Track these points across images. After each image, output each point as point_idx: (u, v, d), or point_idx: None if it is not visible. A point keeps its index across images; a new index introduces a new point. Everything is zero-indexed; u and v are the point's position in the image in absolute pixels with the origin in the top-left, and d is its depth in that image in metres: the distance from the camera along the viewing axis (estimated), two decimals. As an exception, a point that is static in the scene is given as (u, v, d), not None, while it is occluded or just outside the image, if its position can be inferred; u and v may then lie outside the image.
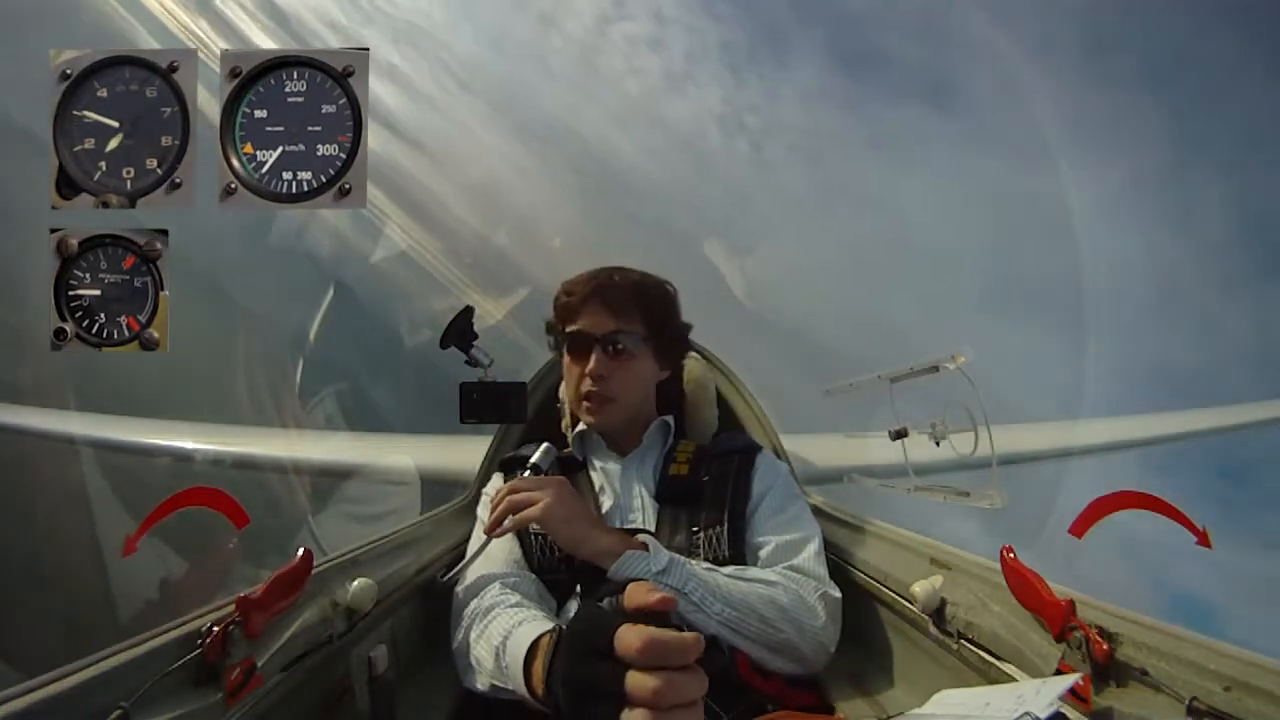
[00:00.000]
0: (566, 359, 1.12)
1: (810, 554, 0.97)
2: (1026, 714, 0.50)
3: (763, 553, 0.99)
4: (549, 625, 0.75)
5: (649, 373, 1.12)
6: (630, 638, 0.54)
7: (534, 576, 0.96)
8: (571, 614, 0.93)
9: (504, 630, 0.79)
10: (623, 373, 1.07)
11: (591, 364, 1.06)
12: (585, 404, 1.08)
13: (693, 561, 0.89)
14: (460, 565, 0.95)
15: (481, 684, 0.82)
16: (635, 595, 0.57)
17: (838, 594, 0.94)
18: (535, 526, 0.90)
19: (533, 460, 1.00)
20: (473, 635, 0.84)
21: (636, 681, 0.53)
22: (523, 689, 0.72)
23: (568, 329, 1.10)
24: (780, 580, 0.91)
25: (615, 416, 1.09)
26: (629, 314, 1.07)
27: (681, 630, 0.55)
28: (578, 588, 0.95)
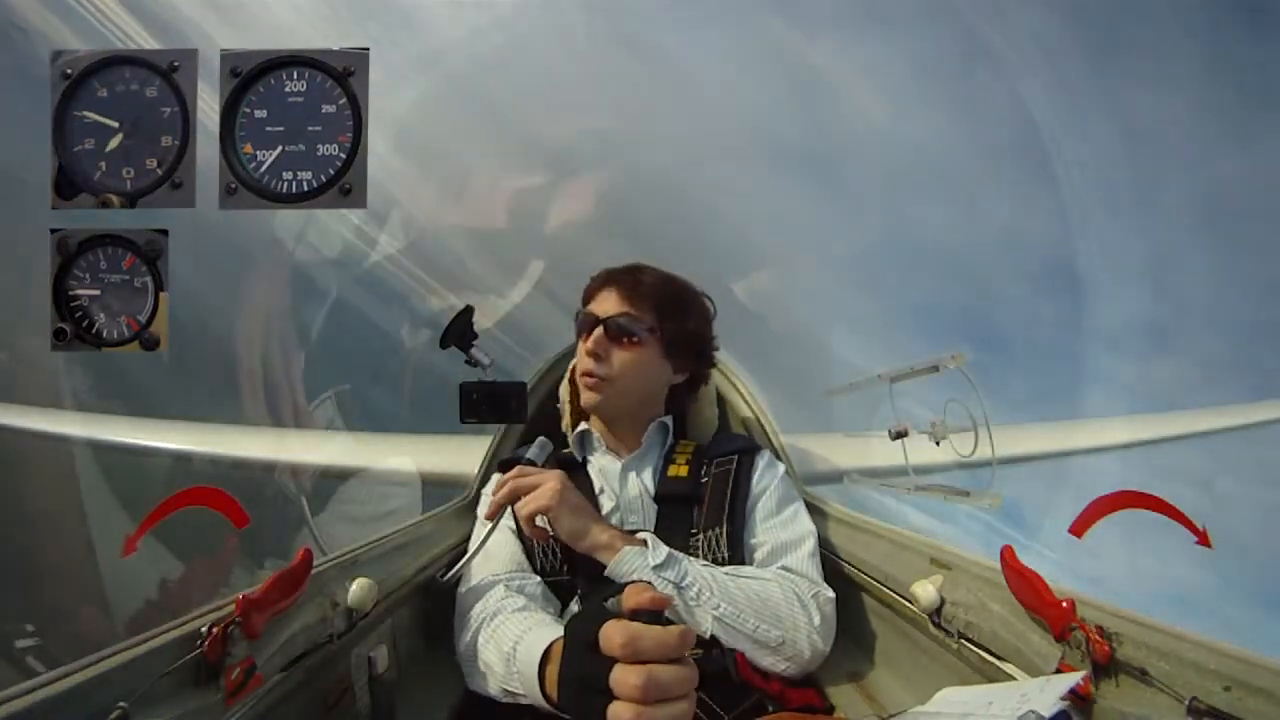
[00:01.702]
0: (579, 341, 1.12)
1: (805, 555, 0.98)
2: (1031, 712, 0.50)
3: (758, 553, 0.99)
4: (561, 630, 0.75)
5: (653, 364, 1.10)
6: (613, 633, 0.55)
7: (538, 579, 0.96)
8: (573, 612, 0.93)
9: (514, 635, 0.78)
10: (622, 355, 1.06)
11: (590, 342, 1.06)
12: (583, 379, 1.08)
13: (691, 559, 0.90)
14: (460, 564, 0.95)
15: (492, 688, 0.81)
16: (632, 595, 0.57)
17: (832, 594, 0.94)
18: (540, 519, 0.90)
19: (528, 455, 1.00)
20: (481, 639, 0.83)
21: (619, 676, 0.54)
22: (537, 694, 0.71)
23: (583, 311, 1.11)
24: (775, 580, 0.91)
25: (611, 400, 1.07)
26: (639, 302, 1.08)
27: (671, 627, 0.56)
28: (578, 590, 0.95)
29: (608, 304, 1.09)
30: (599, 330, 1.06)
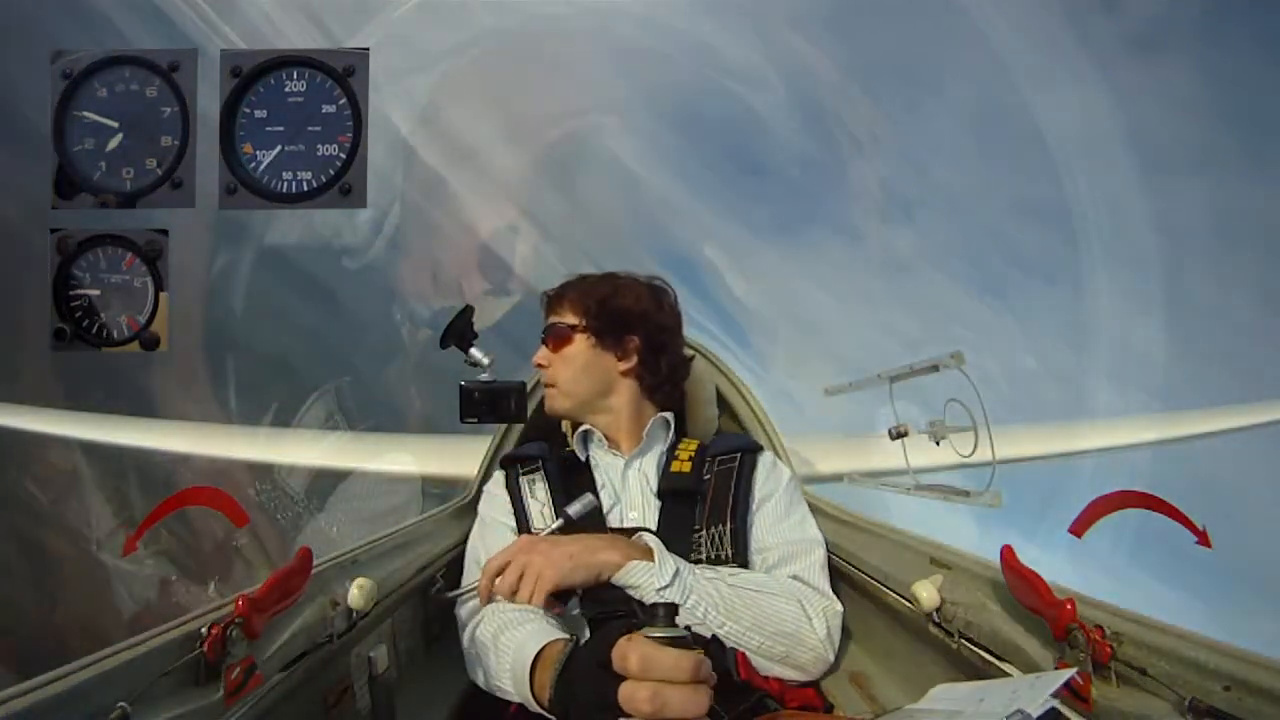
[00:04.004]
0: None
1: (816, 565, 0.98)
2: (1018, 712, 0.49)
3: (767, 558, 0.99)
4: (552, 634, 0.76)
5: (587, 354, 1.12)
6: (625, 649, 0.55)
7: None
8: (573, 614, 0.93)
9: (508, 635, 0.80)
10: (557, 359, 1.13)
11: (537, 356, 1.15)
12: (545, 392, 1.16)
13: (697, 570, 0.89)
14: (459, 592, 0.96)
15: (487, 685, 0.83)
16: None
17: (839, 608, 0.94)
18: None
19: (570, 511, 0.98)
20: (478, 636, 0.85)
21: (627, 692, 0.54)
22: (527, 694, 0.72)
23: None
24: (782, 593, 0.90)
25: (562, 402, 1.13)
26: (565, 307, 1.16)
27: (690, 642, 0.56)
28: (576, 588, 0.95)
29: (548, 320, 1.17)
30: (541, 346, 1.15)
